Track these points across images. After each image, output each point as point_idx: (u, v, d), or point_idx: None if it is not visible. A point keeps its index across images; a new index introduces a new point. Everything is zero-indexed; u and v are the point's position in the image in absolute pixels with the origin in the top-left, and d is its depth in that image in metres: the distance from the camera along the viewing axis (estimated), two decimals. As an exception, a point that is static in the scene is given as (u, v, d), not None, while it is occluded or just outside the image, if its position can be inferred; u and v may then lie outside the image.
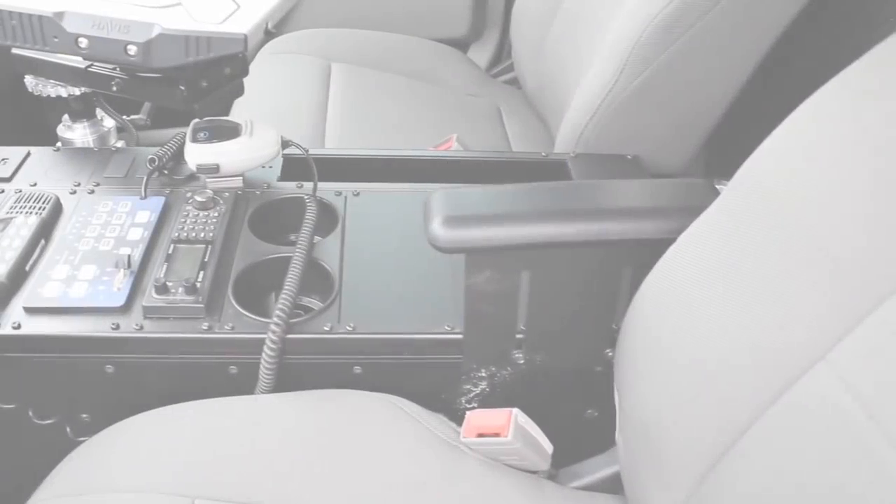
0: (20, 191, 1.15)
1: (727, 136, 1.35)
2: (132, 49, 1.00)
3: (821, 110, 0.70)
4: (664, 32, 1.18)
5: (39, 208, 1.10)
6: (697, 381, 0.72)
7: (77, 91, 1.27)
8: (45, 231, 1.08)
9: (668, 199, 0.90)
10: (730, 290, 0.71)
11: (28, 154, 1.25)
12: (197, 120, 1.16)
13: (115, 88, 1.16)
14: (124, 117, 1.37)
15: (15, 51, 1.18)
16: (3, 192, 1.15)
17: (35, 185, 1.18)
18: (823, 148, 0.67)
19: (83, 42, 1.02)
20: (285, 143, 1.16)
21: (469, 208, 0.87)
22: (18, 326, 0.95)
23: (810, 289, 0.64)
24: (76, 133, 1.33)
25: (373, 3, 2.10)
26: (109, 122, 1.35)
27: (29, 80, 1.26)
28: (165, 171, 1.20)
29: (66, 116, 1.33)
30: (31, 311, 0.97)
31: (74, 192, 1.17)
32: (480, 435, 0.88)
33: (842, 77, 0.70)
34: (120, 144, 1.36)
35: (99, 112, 1.35)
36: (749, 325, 0.68)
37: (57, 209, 1.12)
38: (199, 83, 1.13)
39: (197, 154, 1.13)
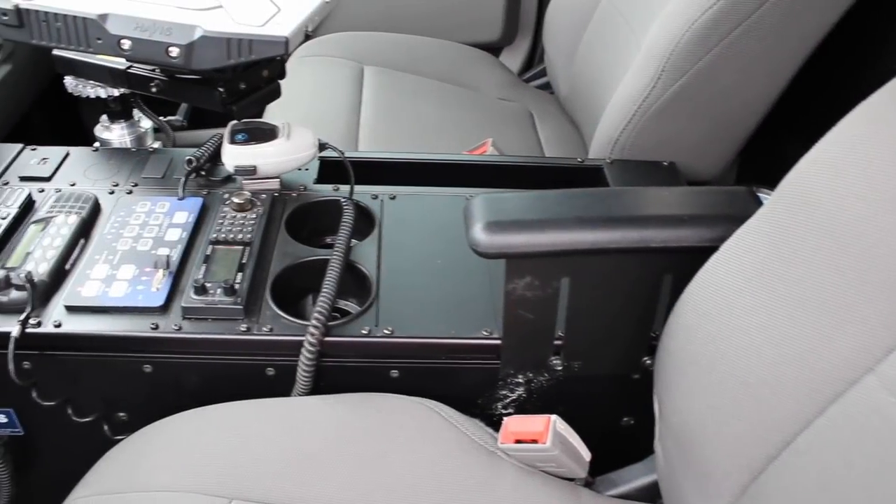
0: (60, 190, 1.16)
1: (758, 141, 1.34)
2: (174, 51, 1.01)
3: (871, 120, 0.69)
4: (703, 38, 1.17)
5: (79, 208, 1.11)
6: (741, 391, 0.71)
7: (116, 92, 1.28)
8: (84, 230, 1.08)
9: (709, 207, 0.90)
10: (775, 299, 0.70)
11: (67, 154, 1.26)
12: (235, 122, 1.16)
13: (154, 90, 1.18)
14: (161, 118, 1.38)
15: (56, 52, 1.19)
16: (43, 191, 1.17)
17: (74, 184, 1.19)
18: (874, 158, 0.66)
19: (126, 44, 1.02)
20: (322, 146, 1.17)
21: (510, 213, 0.87)
22: (59, 325, 0.96)
23: (859, 300, 0.63)
24: (114, 133, 1.34)
25: (405, 7, 2.10)
26: (147, 123, 1.37)
27: (69, 81, 1.27)
28: (202, 173, 1.20)
29: (104, 117, 1.34)
30: (71, 309, 0.98)
31: (113, 192, 1.18)
32: (518, 441, 0.88)
33: (893, 85, 0.70)
34: (156, 145, 1.37)
35: (136, 113, 1.36)
36: (795, 335, 0.67)
37: (96, 209, 1.13)
38: (237, 85, 1.14)
39: (235, 156, 1.13)
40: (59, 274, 1.02)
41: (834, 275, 0.66)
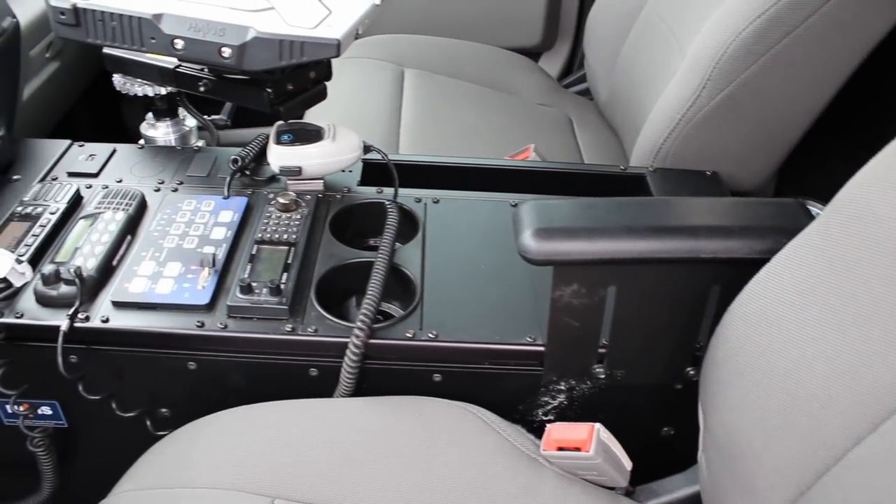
0: (107, 187, 1.17)
1: (798, 153, 1.33)
2: (226, 51, 1.01)
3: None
4: (750, 47, 1.17)
5: (126, 204, 1.12)
6: (790, 405, 0.71)
7: (162, 90, 1.30)
8: (131, 227, 1.10)
9: (760, 219, 0.89)
10: (828, 313, 0.69)
11: (114, 151, 1.27)
12: (281, 122, 1.17)
13: (202, 89, 1.18)
14: (206, 117, 1.40)
15: (106, 50, 1.20)
16: (90, 187, 1.18)
17: (121, 181, 1.21)
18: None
19: (179, 43, 1.03)
20: (367, 148, 1.17)
21: (560, 221, 0.87)
22: (107, 320, 0.97)
23: (914, 316, 0.63)
24: (159, 131, 1.36)
25: (445, 10, 2.10)
26: (191, 122, 1.38)
27: (117, 79, 1.29)
28: (247, 172, 1.22)
29: (149, 115, 1.36)
30: (118, 305, 0.99)
31: (158, 190, 1.19)
32: (561, 448, 0.88)
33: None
34: (201, 144, 1.38)
35: (181, 111, 1.37)
36: (848, 350, 0.67)
37: (142, 206, 1.14)
38: (284, 86, 1.15)
39: (280, 156, 1.14)
40: (107, 270, 1.03)
41: (888, 289, 0.65)
